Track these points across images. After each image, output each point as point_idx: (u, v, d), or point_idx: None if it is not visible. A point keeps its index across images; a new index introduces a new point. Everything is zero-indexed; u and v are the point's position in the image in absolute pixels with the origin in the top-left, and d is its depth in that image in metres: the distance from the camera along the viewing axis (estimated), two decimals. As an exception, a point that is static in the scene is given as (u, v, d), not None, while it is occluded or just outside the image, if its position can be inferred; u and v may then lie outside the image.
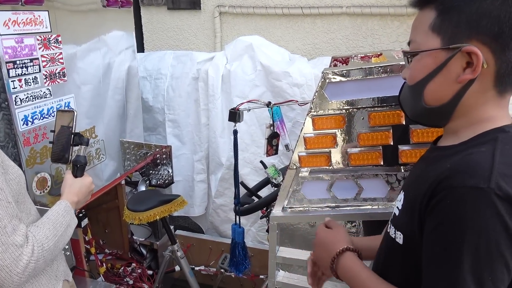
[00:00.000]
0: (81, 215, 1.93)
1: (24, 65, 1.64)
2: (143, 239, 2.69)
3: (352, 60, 1.66)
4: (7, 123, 1.64)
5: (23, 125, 1.67)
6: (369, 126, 1.33)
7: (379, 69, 1.28)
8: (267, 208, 1.85)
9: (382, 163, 1.35)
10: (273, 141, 1.68)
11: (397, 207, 0.90)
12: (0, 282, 1.00)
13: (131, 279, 2.46)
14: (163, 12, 3.27)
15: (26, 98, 1.67)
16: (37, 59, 1.70)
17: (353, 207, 1.40)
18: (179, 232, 2.88)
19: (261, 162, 1.97)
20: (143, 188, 2.60)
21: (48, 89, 1.77)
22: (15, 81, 1.61)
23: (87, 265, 2.03)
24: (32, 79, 1.69)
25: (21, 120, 1.66)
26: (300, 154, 1.40)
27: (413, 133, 1.29)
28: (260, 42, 2.65)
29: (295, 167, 1.41)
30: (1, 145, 1.63)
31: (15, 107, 1.62)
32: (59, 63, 1.82)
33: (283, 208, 1.45)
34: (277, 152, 1.73)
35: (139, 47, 3.22)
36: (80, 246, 1.94)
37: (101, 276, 2.20)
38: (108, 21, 2.18)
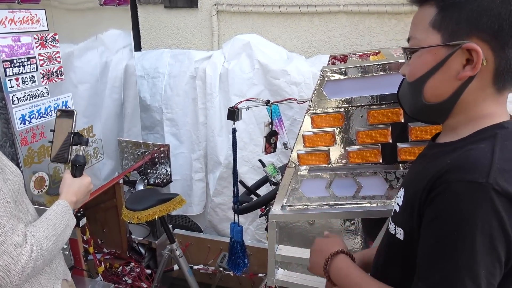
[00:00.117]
0: (79, 214, 1.93)
1: (21, 64, 1.63)
2: (141, 238, 2.69)
3: (350, 58, 1.65)
4: (4, 122, 1.63)
5: (20, 124, 1.66)
6: (367, 124, 1.33)
7: (378, 67, 1.28)
8: (266, 206, 1.85)
9: (381, 161, 1.35)
10: (271, 139, 1.68)
11: (397, 204, 0.90)
12: (-1, 282, 0.99)
13: (130, 278, 2.46)
14: (160, 11, 3.25)
15: (24, 97, 1.66)
16: (34, 58, 1.69)
17: (352, 205, 1.40)
18: (177, 231, 2.87)
19: (260, 161, 1.96)
20: (141, 187, 2.60)
21: (45, 88, 1.76)
22: (12, 80, 1.60)
23: (85, 265, 2.03)
24: (29, 78, 1.68)
25: (19, 119, 1.65)
26: (299, 152, 1.40)
27: (412, 131, 1.29)
28: (258, 41, 2.65)
29: (294, 165, 1.41)
30: (-2, 144, 1.62)
31: (12, 106, 1.61)
32: (56, 62, 1.81)
33: (282, 206, 1.45)
34: (275, 149, 1.73)
35: (136, 45, 3.21)
36: (79, 246, 1.93)
37: (99, 276, 2.20)
38: (105, 20, 2.17)
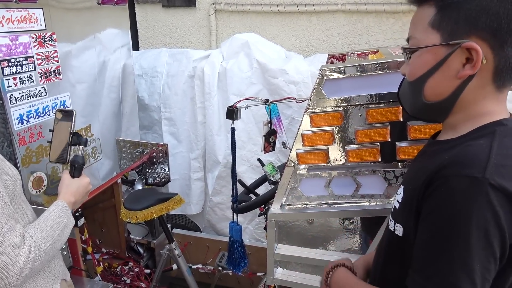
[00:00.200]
0: (77, 214, 1.92)
1: (18, 63, 1.62)
2: (140, 238, 2.68)
3: (349, 57, 1.65)
4: (2, 122, 1.62)
5: (18, 124, 1.65)
6: (366, 123, 1.33)
7: (377, 66, 1.28)
8: (265, 205, 1.84)
9: (380, 159, 1.35)
10: (270, 138, 1.68)
11: (397, 201, 0.91)
12: (-2, 283, 0.99)
13: (129, 278, 2.46)
14: (158, 10, 3.25)
15: (21, 97, 1.65)
16: (32, 57, 1.68)
17: (351, 204, 1.40)
18: (176, 230, 2.86)
19: (259, 160, 1.96)
20: (139, 187, 2.59)
21: (43, 87, 1.75)
22: (9, 79, 1.59)
23: (84, 265, 2.02)
24: (27, 77, 1.67)
25: (16, 119, 1.64)
26: (298, 151, 1.40)
27: (411, 130, 1.29)
28: (256, 40, 2.64)
29: (293, 165, 1.41)
30: (-4, 144, 1.61)
31: (10, 106, 1.61)
32: (54, 61, 1.80)
33: (281, 205, 1.45)
34: (274, 148, 1.73)
35: (134, 45, 3.20)
36: (77, 246, 1.93)
37: (98, 276, 2.19)
38: (103, 19, 2.16)
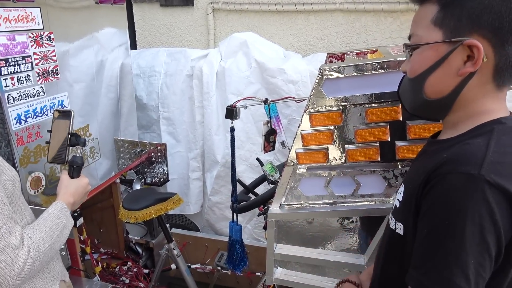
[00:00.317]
0: (76, 214, 1.91)
1: (16, 63, 1.61)
2: (138, 237, 2.68)
3: (348, 57, 1.65)
4: (0, 122, 1.61)
5: (16, 124, 1.64)
6: (366, 122, 1.33)
7: (376, 65, 1.27)
8: (264, 205, 1.84)
9: (379, 159, 1.35)
10: (270, 137, 1.67)
11: (398, 199, 0.92)
12: (-4, 284, 0.98)
13: (127, 278, 2.45)
14: (156, 9, 3.24)
15: (19, 97, 1.64)
16: (30, 56, 1.67)
17: (350, 204, 1.40)
18: (174, 230, 2.86)
19: (258, 160, 1.96)
20: (138, 187, 2.59)
21: (41, 87, 1.75)
22: (7, 79, 1.58)
23: (82, 265, 2.01)
24: (25, 77, 1.66)
25: (14, 119, 1.63)
26: (297, 151, 1.39)
27: (410, 129, 1.29)
28: (254, 39, 2.64)
29: (292, 164, 1.41)
30: (-7, 144, 1.60)
31: (7, 105, 1.60)
32: (52, 61, 1.79)
33: (280, 205, 1.45)
34: (274, 148, 1.73)
35: (132, 44, 3.18)
36: (76, 246, 1.92)
37: (96, 276, 2.19)
38: (100, 18, 2.15)
